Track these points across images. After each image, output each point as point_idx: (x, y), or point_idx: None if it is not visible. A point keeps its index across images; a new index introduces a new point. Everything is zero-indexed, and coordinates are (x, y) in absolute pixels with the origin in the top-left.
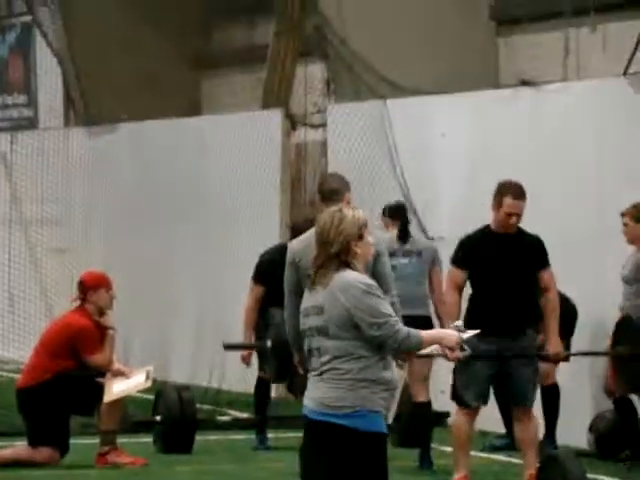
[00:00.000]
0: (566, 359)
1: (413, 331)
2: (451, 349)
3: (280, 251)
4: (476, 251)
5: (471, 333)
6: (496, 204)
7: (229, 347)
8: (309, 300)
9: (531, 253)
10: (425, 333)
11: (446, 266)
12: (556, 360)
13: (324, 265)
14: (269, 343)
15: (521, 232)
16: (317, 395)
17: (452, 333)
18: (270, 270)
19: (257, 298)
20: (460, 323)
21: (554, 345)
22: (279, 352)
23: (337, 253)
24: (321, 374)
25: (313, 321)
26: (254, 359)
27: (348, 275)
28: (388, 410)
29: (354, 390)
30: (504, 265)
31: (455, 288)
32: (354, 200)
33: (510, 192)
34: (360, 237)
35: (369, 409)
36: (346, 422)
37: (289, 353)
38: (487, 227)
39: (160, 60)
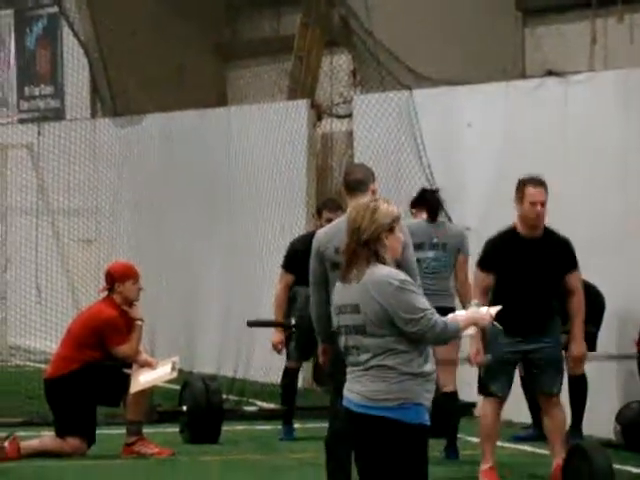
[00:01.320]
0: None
1: (450, 320)
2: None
3: (309, 239)
4: (502, 255)
5: (496, 309)
6: (518, 198)
7: (253, 324)
8: (342, 296)
9: (558, 257)
10: (461, 319)
11: (472, 258)
12: (578, 361)
13: (355, 253)
14: (293, 321)
15: (548, 234)
16: (360, 389)
17: (484, 313)
18: (299, 258)
19: (287, 285)
20: (477, 302)
21: (578, 346)
22: (303, 331)
23: (367, 241)
24: (366, 370)
25: (349, 320)
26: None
27: (381, 271)
28: (430, 402)
29: (399, 383)
30: (530, 271)
31: (482, 291)
32: (379, 191)
33: (530, 182)
34: (391, 230)
35: (414, 402)
36: (391, 414)
37: (312, 333)
38: (513, 229)
39: (186, 51)
